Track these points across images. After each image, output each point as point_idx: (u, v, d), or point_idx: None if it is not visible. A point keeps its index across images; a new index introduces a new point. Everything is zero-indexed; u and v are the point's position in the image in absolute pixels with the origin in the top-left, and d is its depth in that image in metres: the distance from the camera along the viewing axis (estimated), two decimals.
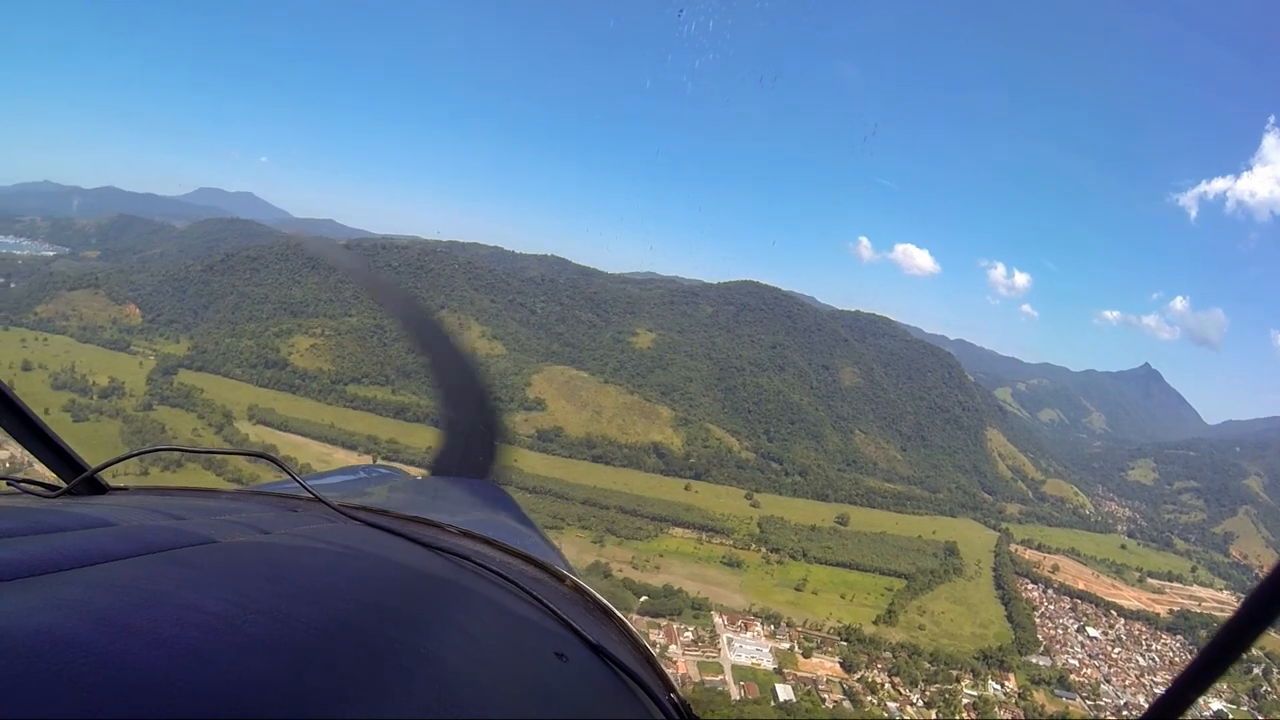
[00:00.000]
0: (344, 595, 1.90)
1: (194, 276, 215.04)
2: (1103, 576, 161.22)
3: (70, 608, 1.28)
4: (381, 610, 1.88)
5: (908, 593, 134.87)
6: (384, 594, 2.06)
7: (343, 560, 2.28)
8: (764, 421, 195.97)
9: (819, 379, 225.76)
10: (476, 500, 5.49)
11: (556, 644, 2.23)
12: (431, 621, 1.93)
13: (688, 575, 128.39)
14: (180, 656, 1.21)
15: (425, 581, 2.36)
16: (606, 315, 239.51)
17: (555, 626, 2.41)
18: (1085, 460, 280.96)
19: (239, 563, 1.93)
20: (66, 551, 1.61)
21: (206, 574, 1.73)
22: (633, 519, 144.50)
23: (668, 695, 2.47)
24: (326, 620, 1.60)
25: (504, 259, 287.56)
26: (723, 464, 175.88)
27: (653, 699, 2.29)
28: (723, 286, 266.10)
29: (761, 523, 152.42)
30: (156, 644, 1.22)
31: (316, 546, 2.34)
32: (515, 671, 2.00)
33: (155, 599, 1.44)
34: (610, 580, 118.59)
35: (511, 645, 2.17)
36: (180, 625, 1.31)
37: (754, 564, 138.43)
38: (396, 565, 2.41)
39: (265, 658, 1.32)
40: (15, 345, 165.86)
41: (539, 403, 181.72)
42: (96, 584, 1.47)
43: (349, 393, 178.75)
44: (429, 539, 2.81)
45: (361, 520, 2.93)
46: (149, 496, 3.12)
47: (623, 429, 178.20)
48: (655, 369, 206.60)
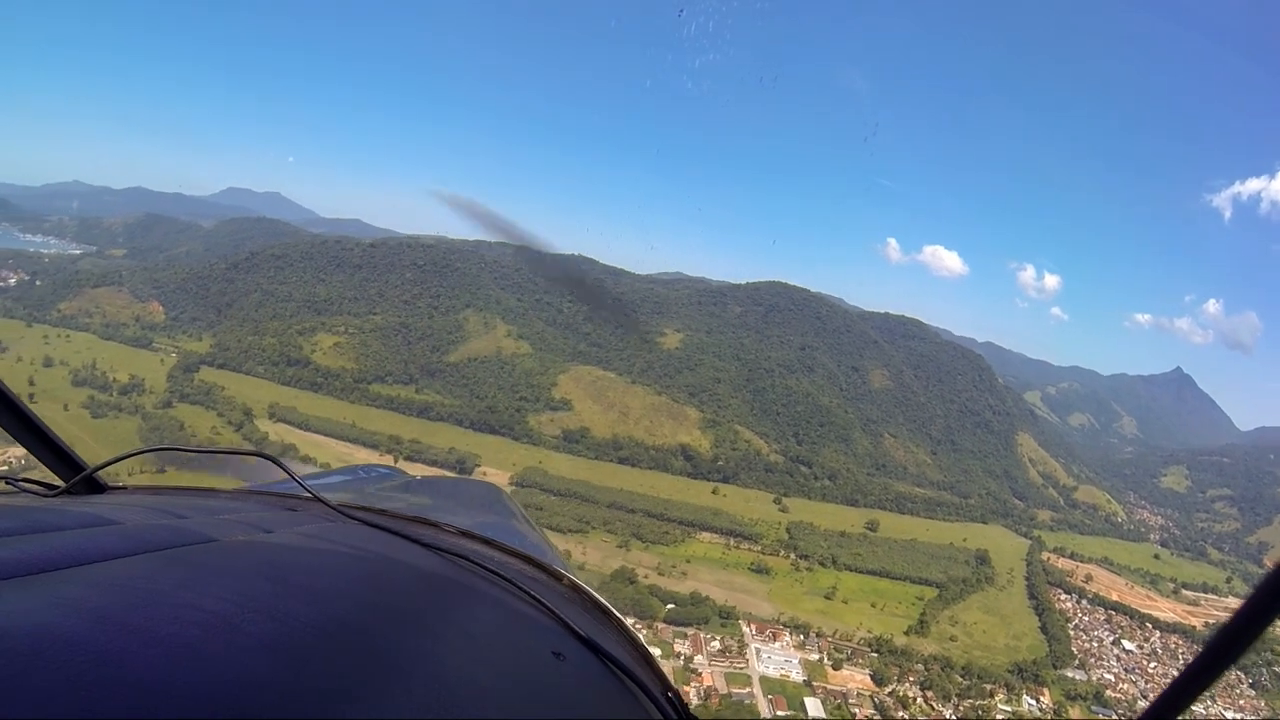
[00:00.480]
0: (343, 595, 1.91)
1: (218, 274, 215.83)
2: (1137, 587, 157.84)
3: (69, 606, 1.28)
4: (380, 609, 1.89)
5: (939, 602, 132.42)
6: (382, 593, 2.08)
7: (341, 560, 2.31)
8: (793, 424, 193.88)
9: (848, 381, 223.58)
10: (475, 500, 5.92)
11: (554, 643, 2.24)
12: (430, 621, 1.95)
13: (715, 582, 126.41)
14: (179, 655, 1.22)
15: (424, 581, 2.37)
16: (634, 315, 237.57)
17: (553, 625, 2.43)
18: (1116, 466, 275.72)
19: (238, 562, 1.95)
20: (65, 550, 1.62)
21: (205, 573, 1.74)
22: (659, 523, 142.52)
23: (664, 694, 2.46)
24: (325, 619, 1.60)
25: (529, 259, 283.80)
26: (751, 467, 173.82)
27: (649, 697, 2.29)
28: (750, 287, 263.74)
29: (790, 528, 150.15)
30: (155, 643, 1.22)
31: (315, 546, 2.37)
32: (513, 670, 2.01)
33: (154, 598, 1.44)
34: (636, 587, 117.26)
35: (509, 644, 2.19)
36: (179, 624, 1.32)
37: (783, 571, 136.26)
38: (395, 565, 2.43)
39: (264, 657, 1.32)
40: (38, 342, 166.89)
41: (565, 403, 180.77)
42: (95, 583, 1.48)
43: (372, 391, 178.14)
44: (427, 539, 2.84)
45: (360, 520, 2.97)
46: (147, 495, 3.17)
47: (650, 430, 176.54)
48: (683, 370, 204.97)
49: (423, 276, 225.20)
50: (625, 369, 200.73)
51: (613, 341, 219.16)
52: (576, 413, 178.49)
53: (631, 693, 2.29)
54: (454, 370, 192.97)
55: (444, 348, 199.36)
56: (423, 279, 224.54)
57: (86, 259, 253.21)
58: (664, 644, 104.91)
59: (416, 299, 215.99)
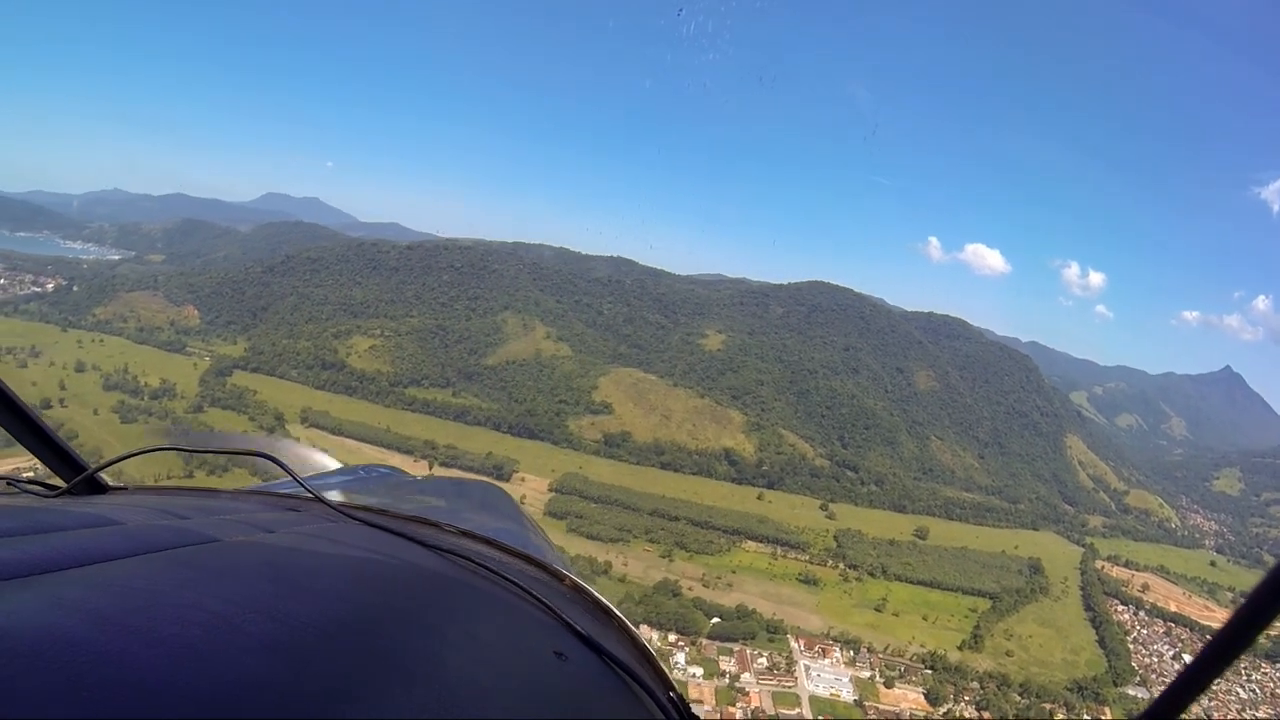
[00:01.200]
0: (344, 595, 1.92)
1: (253, 278, 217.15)
2: (1195, 597, 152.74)
3: (70, 607, 1.29)
4: (381, 610, 1.90)
5: (993, 614, 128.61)
6: (384, 594, 2.10)
7: (342, 560, 2.33)
8: (838, 427, 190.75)
9: (893, 383, 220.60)
10: (476, 500, 5.92)
11: (556, 643, 2.26)
12: (431, 621, 1.98)
13: (761, 594, 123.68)
14: (180, 656, 1.22)
15: (425, 581, 2.39)
16: (675, 316, 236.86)
17: (554, 626, 2.44)
18: (1167, 469, 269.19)
19: (239, 562, 1.97)
20: (66, 551, 1.64)
21: (206, 574, 1.76)
22: (703, 532, 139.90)
23: (666, 694, 2.47)
24: (326, 620, 1.61)
25: (570, 260, 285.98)
26: (796, 472, 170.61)
27: (652, 698, 2.30)
28: (793, 287, 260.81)
29: (838, 536, 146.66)
30: (156, 643, 1.23)
31: (316, 546, 2.39)
32: (514, 671, 2.01)
33: (155, 598, 1.46)
34: (679, 600, 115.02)
35: (511, 644, 2.20)
36: (180, 625, 1.33)
37: (831, 581, 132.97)
38: (396, 565, 2.44)
39: (265, 657, 1.33)
40: (72, 347, 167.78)
41: (606, 406, 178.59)
42: (96, 583, 1.48)
43: (408, 395, 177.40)
44: (428, 539, 2.87)
45: (361, 520, 3.01)
46: (149, 496, 3.22)
47: (693, 434, 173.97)
48: (726, 371, 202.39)
49: (460, 278, 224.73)
50: (667, 371, 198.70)
51: (654, 343, 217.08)
52: (617, 416, 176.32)
53: (634, 693, 2.29)
54: (492, 373, 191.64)
55: (482, 350, 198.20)
56: (460, 281, 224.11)
57: (125, 265, 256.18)
58: (708, 661, 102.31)
59: (454, 301, 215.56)
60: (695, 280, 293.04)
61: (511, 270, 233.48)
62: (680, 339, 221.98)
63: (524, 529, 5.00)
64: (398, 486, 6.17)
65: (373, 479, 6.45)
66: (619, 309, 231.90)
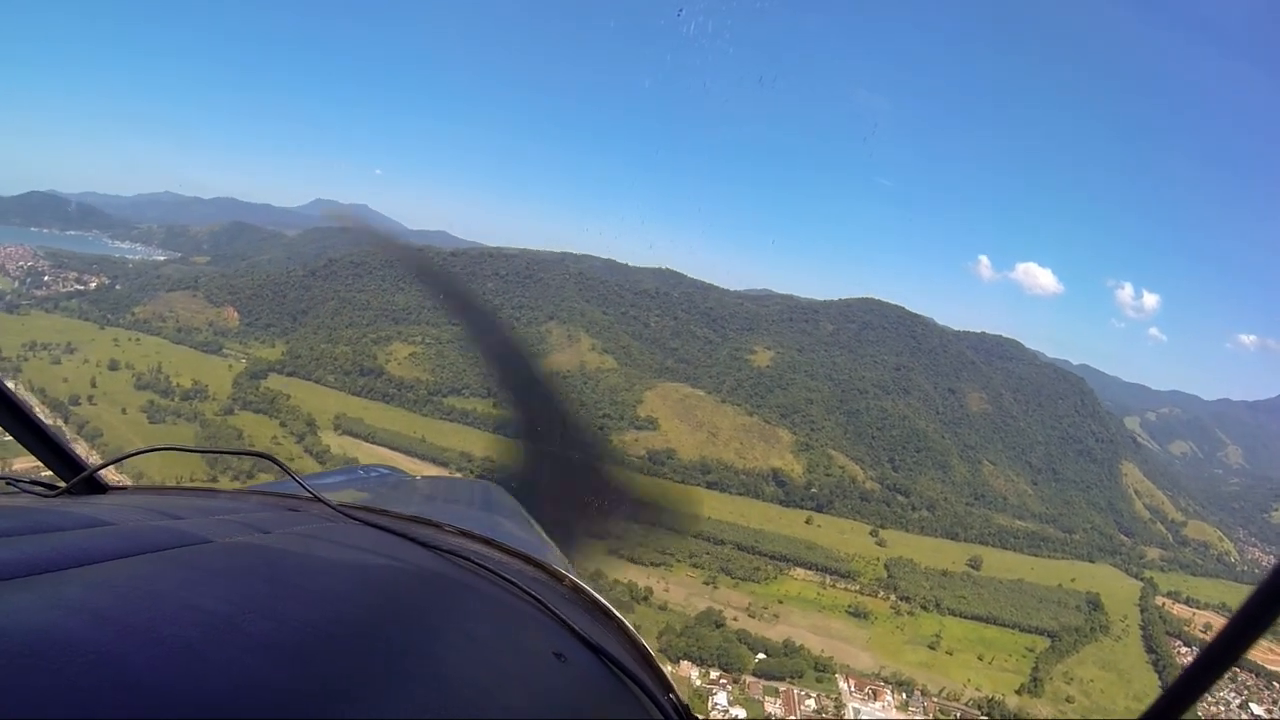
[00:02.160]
0: (343, 595, 1.93)
1: (295, 281, 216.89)
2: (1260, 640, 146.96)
3: (70, 607, 1.30)
4: (380, 610, 1.92)
5: (1052, 654, 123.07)
6: (383, 594, 2.11)
7: (342, 560, 2.33)
8: (888, 448, 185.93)
9: (945, 404, 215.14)
10: (476, 500, 6.07)
11: (555, 644, 2.26)
12: (430, 621, 1.98)
13: (809, 627, 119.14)
14: (180, 656, 1.22)
15: (424, 581, 2.40)
16: (723, 331, 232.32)
17: (554, 626, 2.44)
18: (1224, 499, 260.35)
19: (238, 562, 1.97)
20: (66, 551, 1.64)
21: (206, 574, 1.76)
22: (750, 557, 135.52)
23: (666, 695, 2.46)
24: (325, 620, 1.62)
25: (616, 271, 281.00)
26: (846, 495, 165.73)
27: (651, 699, 2.30)
28: (843, 304, 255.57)
29: (889, 565, 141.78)
30: (156, 643, 1.24)
31: (316, 546, 2.41)
32: (514, 671, 2.02)
33: (155, 598, 1.46)
34: (722, 632, 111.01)
35: (510, 645, 2.21)
36: (180, 625, 1.33)
37: (882, 615, 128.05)
38: (395, 565, 2.45)
39: (264, 657, 1.33)
40: (108, 344, 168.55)
41: (651, 421, 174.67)
42: (96, 583, 1.49)
43: (446, 404, 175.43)
44: (428, 539, 2.88)
45: (361, 520, 3.01)
46: (149, 496, 3.23)
47: (740, 453, 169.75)
48: (774, 389, 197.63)
49: (505, 286, 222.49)
50: (715, 387, 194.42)
51: (702, 358, 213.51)
52: (662, 432, 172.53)
53: (633, 693, 2.30)
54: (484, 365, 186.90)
55: None
56: (505, 289, 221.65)
57: (169, 265, 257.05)
58: (752, 702, 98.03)
59: (498, 310, 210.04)
60: (744, 295, 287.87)
61: (557, 280, 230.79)
62: (728, 354, 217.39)
63: (524, 529, 5.11)
64: (397, 486, 6.32)
65: (372, 479, 6.51)
66: (666, 322, 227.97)
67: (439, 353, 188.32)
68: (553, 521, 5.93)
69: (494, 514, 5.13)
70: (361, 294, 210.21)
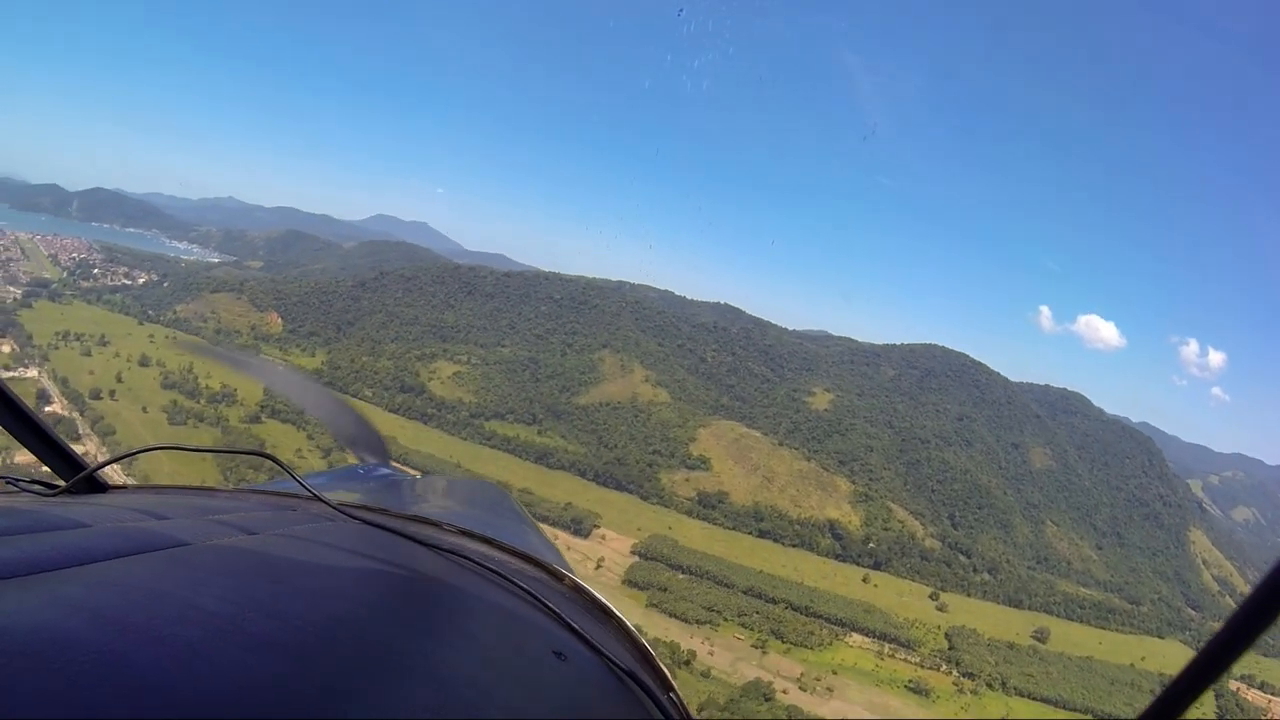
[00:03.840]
0: (343, 594, 1.95)
1: (344, 291, 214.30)
2: None
3: (69, 606, 1.30)
4: (380, 609, 1.94)
5: None
6: (383, 593, 2.14)
7: (341, 559, 2.34)
8: (949, 503, 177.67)
9: (1008, 459, 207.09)
10: (475, 499, 6.13)
11: (555, 643, 2.27)
12: (430, 620, 2.00)
13: (866, 704, 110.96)
14: (179, 655, 1.23)
15: (424, 580, 2.43)
16: (781, 371, 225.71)
17: (554, 626, 2.45)
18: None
19: (238, 561, 1.98)
20: (65, 550, 1.64)
21: (205, 573, 1.77)
22: (803, 619, 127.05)
23: (666, 694, 2.47)
24: (325, 619, 1.64)
25: (674, 303, 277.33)
26: (905, 553, 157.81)
27: (651, 698, 2.30)
28: (905, 348, 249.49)
29: (950, 634, 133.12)
30: (155, 643, 1.24)
31: (315, 545, 2.41)
32: (514, 670, 2.04)
33: (154, 597, 1.47)
34: (771, 707, 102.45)
35: (510, 644, 2.23)
36: (179, 624, 1.34)
37: (944, 692, 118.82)
38: (395, 564, 2.46)
39: (264, 656, 1.34)
40: (143, 340, 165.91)
41: (703, 461, 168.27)
42: (95, 583, 1.50)
43: (487, 429, 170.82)
44: (428, 538, 2.88)
45: (360, 519, 3.02)
46: (148, 495, 3.21)
47: (795, 501, 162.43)
48: (833, 433, 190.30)
49: (559, 311, 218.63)
50: (771, 428, 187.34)
51: (758, 397, 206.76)
52: (715, 473, 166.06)
53: (633, 693, 2.29)
54: (583, 413, 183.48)
55: (574, 388, 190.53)
56: (559, 314, 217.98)
57: (222, 268, 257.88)
58: None
59: (550, 334, 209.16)
60: (803, 335, 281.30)
61: (613, 307, 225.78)
62: (786, 394, 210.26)
63: (523, 529, 5.18)
64: (397, 486, 6.27)
65: (372, 478, 6.46)
66: (723, 358, 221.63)
67: (485, 374, 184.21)
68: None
69: (494, 514, 5.23)
70: (410, 309, 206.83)
